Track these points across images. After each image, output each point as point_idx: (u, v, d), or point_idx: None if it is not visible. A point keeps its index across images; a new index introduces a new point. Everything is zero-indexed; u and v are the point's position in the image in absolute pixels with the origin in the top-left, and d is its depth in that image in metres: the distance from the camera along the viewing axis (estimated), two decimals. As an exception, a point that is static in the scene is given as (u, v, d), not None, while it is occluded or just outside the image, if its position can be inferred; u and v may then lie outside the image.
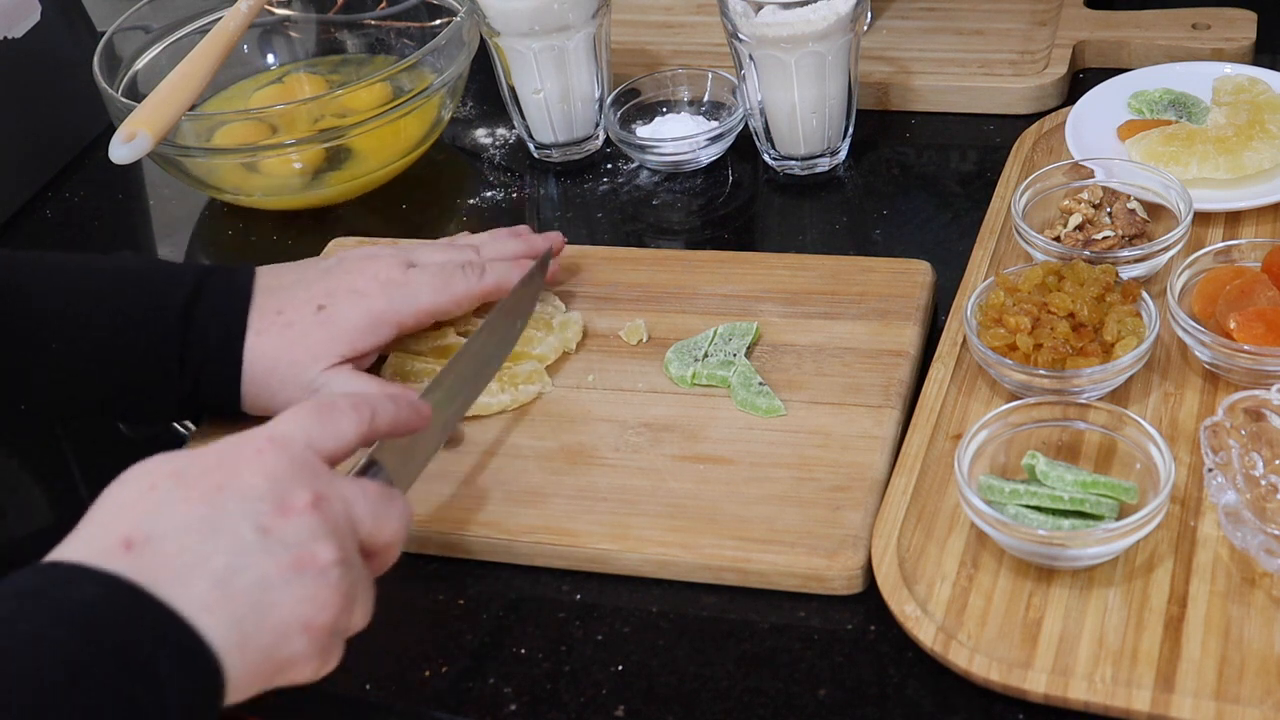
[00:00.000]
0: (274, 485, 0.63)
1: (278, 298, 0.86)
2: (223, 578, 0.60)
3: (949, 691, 0.70)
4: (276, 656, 0.61)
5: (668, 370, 0.88)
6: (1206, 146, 0.95)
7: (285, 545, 0.62)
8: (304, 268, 0.88)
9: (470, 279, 0.88)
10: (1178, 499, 0.76)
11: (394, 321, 0.86)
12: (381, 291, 0.86)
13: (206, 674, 0.59)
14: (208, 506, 0.62)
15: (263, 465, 0.64)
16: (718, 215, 1.07)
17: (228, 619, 0.60)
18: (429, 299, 0.87)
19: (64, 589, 0.58)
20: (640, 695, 0.72)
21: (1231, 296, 0.82)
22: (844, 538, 0.76)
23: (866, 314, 0.90)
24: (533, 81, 1.10)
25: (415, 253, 0.90)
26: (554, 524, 0.80)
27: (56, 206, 1.18)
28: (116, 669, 0.56)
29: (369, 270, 0.87)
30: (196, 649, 0.59)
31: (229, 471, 0.63)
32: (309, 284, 0.86)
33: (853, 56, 1.04)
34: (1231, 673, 0.67)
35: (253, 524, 0.62)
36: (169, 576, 0.59)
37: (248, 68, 1.24)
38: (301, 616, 0.62)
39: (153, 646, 0.57)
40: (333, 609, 0.63)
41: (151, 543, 0.60)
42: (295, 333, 0.84)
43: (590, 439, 0.85)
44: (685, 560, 0.77)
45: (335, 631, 0.64)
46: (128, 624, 0.58)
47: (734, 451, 0.82)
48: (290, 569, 0.62)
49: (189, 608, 0.59)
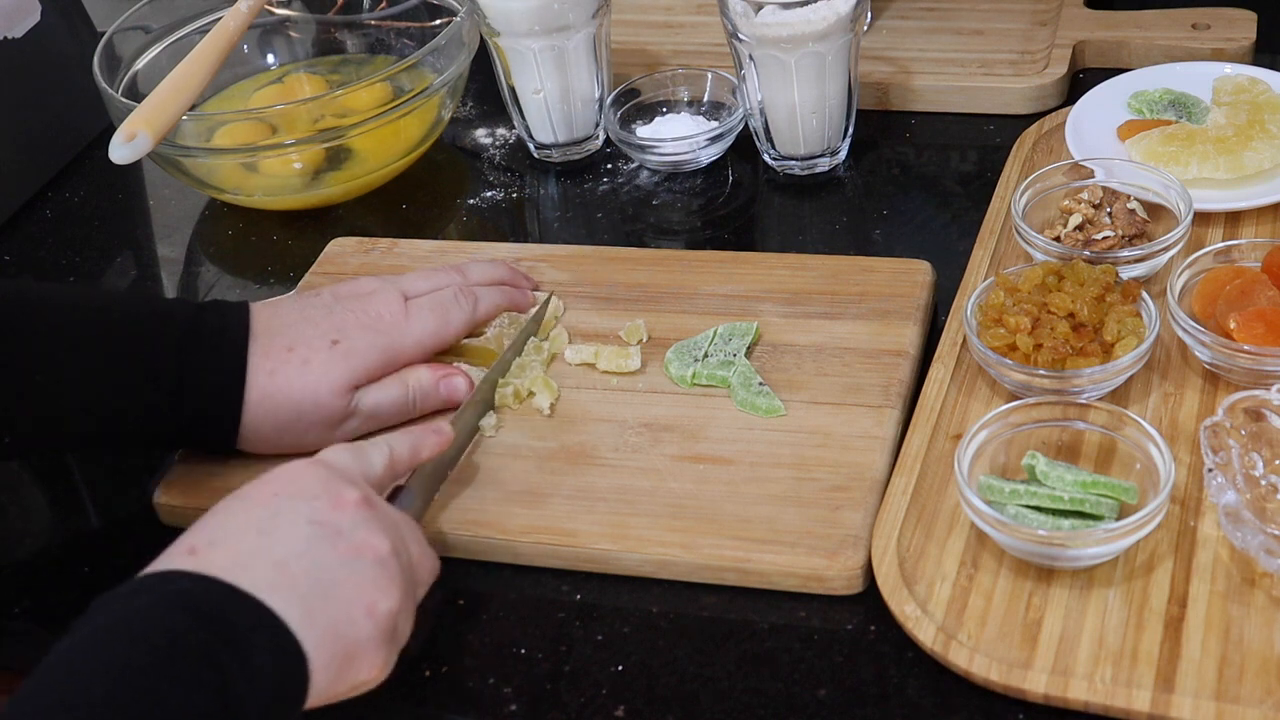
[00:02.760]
0: (327, 485, 0.70)
1: (286, 336, 0.85)
2: (282, 562, 0.65)
3: (949, 691, 0.70)
4: (344, 638, 0.65)
5: (668, 370, 0.88)
6: (1206, 146, 0.95)
7: (341, 534, 0.68)
8: (303, 305, 0.88)
9: (465, 308, 0.90)
10: (1178, 499, 0.76)
11: (402, 355, 0.88)
12: (390, 327, 0.87)
13: (286, 649, 0.63)
14: (264, 509, 0.68)
15: (315, 474, 0.70)
16: (718, 215, 1.07)
17: (290, 594, 0.64)
18: (432, 332, 0.88)
19: (159, 584, 0.63)
20: (640, 695, 0.72)
21: (1231, 296, 0.82)
22: (844, 538, 0.76)
23: (867, 314, 0.90)
24: (533, 81, 1.10)
25: (405, 283, 0.91)
26: (554, 524, 0.80)
27: (56, 206, 1.18)
28: (209, 639, 0.61)
29: (371, 308, 0.88)
30: (274, 624, 0.63)
31: (284, 482, 0.70)
32: (315, 321, 0.86)
33: (853, 56, 1.04)
34: (1231, 673, 0.67)
35: (308, 518, 0.68)
36: (231, 567, 0.64)
37: (248, 68, 1.24)
38: (364, 599, 0.66)
39: (235, 619, 0.62)
40: (394, 596, 0.68)
41: (215, 546, 0.66)
42: (313, 369, 0.84)
43: (590, 439, 0.85)
44: (685, 560, 0.77)
45: (396, 627, 0.68)
46: (218, 603, 0.63)
47: (734, 451, 0.82)
48: (349, 554, 0.67)
49: (255, 588, 0.64)
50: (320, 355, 0.84)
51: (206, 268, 1.11)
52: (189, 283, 1.10)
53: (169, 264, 1.12)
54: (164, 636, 0.60)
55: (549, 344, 0.91)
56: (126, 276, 1.11)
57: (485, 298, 0.92)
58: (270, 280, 1.06)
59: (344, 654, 0.65)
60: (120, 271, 1.12)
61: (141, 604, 0.62)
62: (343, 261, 1.03)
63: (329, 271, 1.02)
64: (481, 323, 0.92)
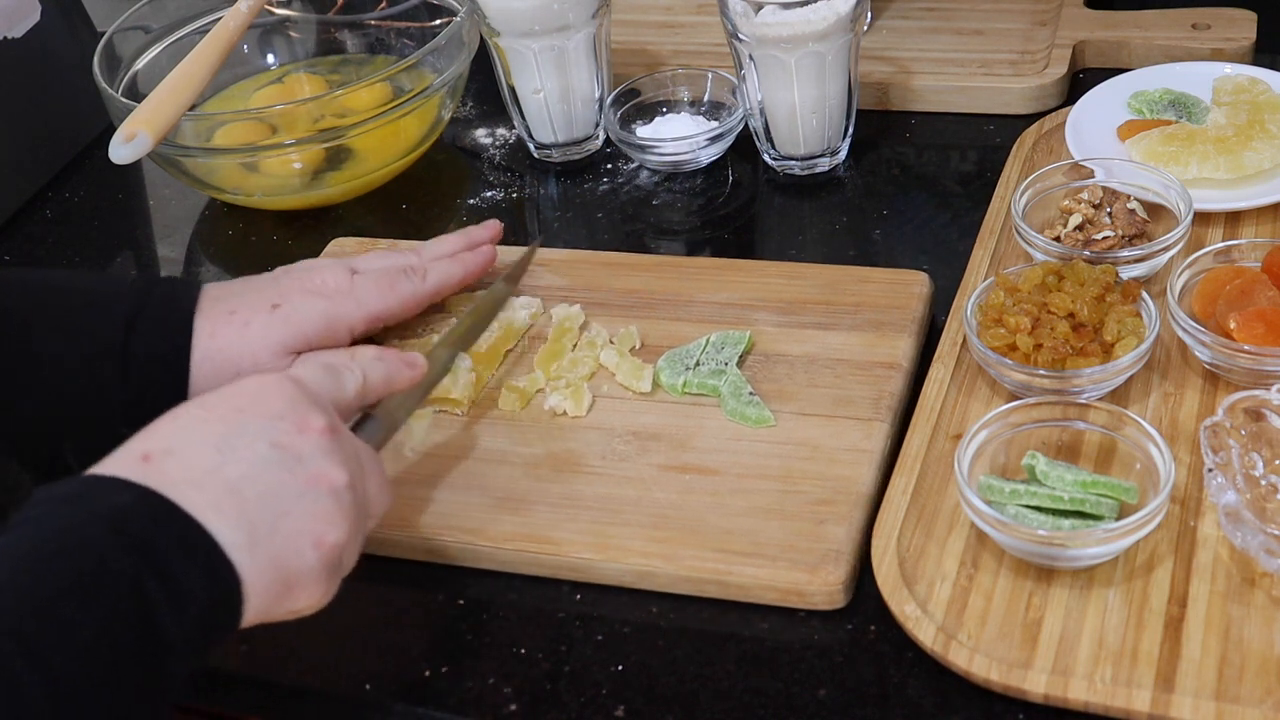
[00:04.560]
0: (293, 408, 0.68)
1: (228, 302, 0.86)
2: (236, 485, 0.64)
3: (949, 691, 0.70)
4: (286, 568, 0.64)
5: (659, 378, 0.88)
6: (1206, 146, 0.95)
7: (300, 461, 0.66)
8: (252, 278, 0.89)
9: (414, 281, 0.90)
10: (1178, 499, 0.76)
11: (346, 324, 0.88)
12: (333, 293, 0.88)
13: (221, 576, 0.62)
14: (226, 425, 0.66)
15: (283, 392, 0.68)
16: (717, 215, 1.07)
17: (237, 520, 0.63)
18: (377, 303, 0.89)
19: (99, 494, 0.62)
20: (640, 695, 0.72)
21: (1231, 296, 0.82)
22: (826, 552, 0.75)
23: (861, 325, 0.89)
24: (533, 81, 1.10)
25: (357, 261, 0.92)
26: (536, 532, 0.79)
27: (56, 206, 1.18)
28: (137, 563, 0.59)
29: (316, 278, 0.88)
30: (212, 549, 0.62)
31: (250, 398, 0.68)
32: (259, 289, 0.87)
33: (853, 56, 1.04)
34: (1231, 673, 0.67)
35: (269, 440, 0.66)
36: (182, 482, 0.63)
37: (248, 68, 1.24)
38: (313, 531, 0.65)
39: (169, 544, 0.61)
40: (343, 530, 0.67)
41: (170, 456, 0.64)
42: (253, 330, 0.85)
43: (578, 446, 0.84)
44: (666, 571, 0.76)
45: (340, 560, 0.67)
46: (151, 525, 0.61)
47: (720, 462, 0.82)
48: (305, 483, 0.66)
49: (199, 509, 0.62)
50: (260, 317, 0.85)
51: (206, 268, 1.11)
52: (189, 283, 1.10)
53: (169, 264, 1.12)
54: (90, 561, 0.59)
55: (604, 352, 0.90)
56: (126, 276, 1.11)
57: (435, 269, 0.92)
58: (270, 280, 1.06)
59: (283, 582, 0.64)
60: (120, 271, 1.12)
61: (76, 519, 0.60)
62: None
63: (329, 271, 1.02)
64: (432, 295, 0.92)
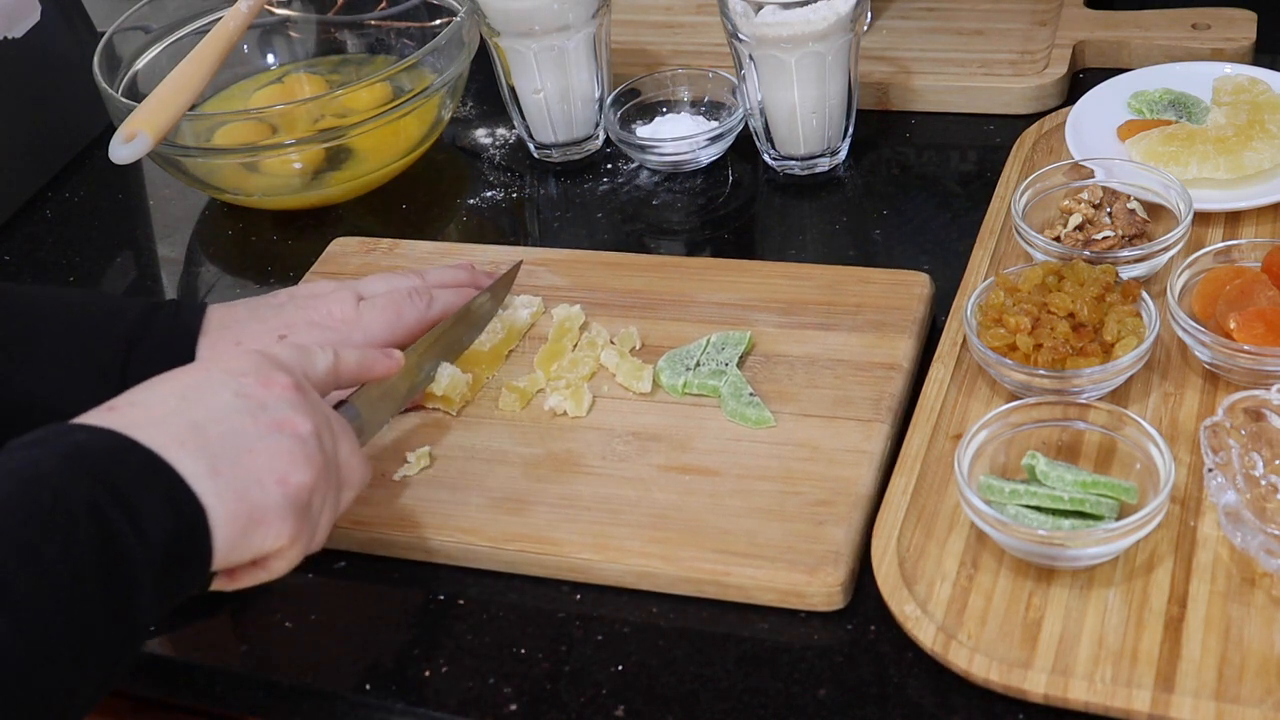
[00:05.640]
0: (258, 366, 0.69)
1: (233, 331, 0.86)
2: (198, 423, 0.65)
3: (949, 691, 0.70)
4: (249, 499, 0.64)
5: (659, 379, 0.88)
6: (1206, 146, 0.95)
7: (264, 408, 0.67)
8: (255, 305, 0.89)
9: (419, 306, 0.89)
10: (1178, 499, 0.76)
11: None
12: (340, 324, 0.87)
13: (184, 506, 0.62)
14: (192, 379, 0.68)
15: (251, 357, 0.70)
16: (718, 215, 1.07)
17: (198, 452, 0.64)
18: (383, 333, 0.88)
19: (59, 435, 0.63)
20: (640, 695, 0.72)
21: (1231, 296, 0.82)
22: (825, 553, 0.75)
23: (862, 325, 0.89)
24: (533, 81, 1.10)
25: (362, 286, 0.91)
26: (536, 532, 0.79)
27: (56, 206, 1.18)
28: (94, 491, 0.60)
29: (322, 307, 0.88)
30: (173, 479, 0.63)
31: (216, 360, 0.70)
32: (265, 319, 0.87)
33: (853, 56, 1.04)
34: (1231, 673, 0.67)
35: (234, 391, 0.67)
36: (144, 422, 0.64)
37: (248, 68, 1.24)
38: (277, 468, 0.66)
39: (127, 474, 0.62)
40: (309, 473, 0.67)
41: (134, 406, 0.66)
42: None
43: (578, 446, 0.84)
44: (665, 572, 0.76)
45: (309, 502, 0.67)
46: (107, 457, 0.62)
47: (720, 463, 0.82)
48: (269, 427, 0.67)
49: (159, 444, 0.63)
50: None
51: (206, 268, 1.11)
52: (189, 283, 1.10)
53: (169, 264, 1.12)
54: (45, 491, 0.59)
55: (604, 352, 0.90)
56: (126, 276, 1.11)
57: (441, 297, 0.91)
58: (270, 280, 1.06)
59: (248, 515, 0.64)
60: (120, 271, 1.12)
61: (32, 456, 0.61)
62: (344, 261, 1.03)
63: (330, 271, 1.02)
64: (435, 322, 0.90)
